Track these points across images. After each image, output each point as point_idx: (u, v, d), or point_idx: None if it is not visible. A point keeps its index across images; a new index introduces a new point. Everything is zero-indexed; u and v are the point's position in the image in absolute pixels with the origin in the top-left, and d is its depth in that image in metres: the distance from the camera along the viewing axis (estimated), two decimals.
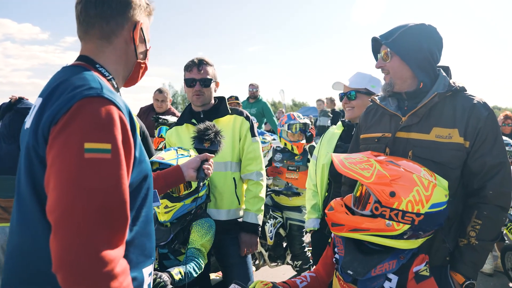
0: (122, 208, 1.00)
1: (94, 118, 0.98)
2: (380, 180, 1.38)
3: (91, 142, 0.95)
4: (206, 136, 1.95)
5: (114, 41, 1.20)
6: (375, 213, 1.40)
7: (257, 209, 2.36)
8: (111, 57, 1.21)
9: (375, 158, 1.48)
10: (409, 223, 1.37)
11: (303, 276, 1.70)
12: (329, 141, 2.60)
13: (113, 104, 1.02)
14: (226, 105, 2.43)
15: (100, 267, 0.92)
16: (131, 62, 1.26)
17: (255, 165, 2.39)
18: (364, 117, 1.98)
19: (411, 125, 1.71)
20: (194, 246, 1.96)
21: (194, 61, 2.36)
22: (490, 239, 1.64)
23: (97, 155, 0.95)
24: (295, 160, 3.96)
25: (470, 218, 1.65)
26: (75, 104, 0.99)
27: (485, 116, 1.64)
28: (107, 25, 1.18)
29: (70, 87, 1.03)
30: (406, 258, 1.45)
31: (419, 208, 1.37)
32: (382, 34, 1.78)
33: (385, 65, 1.76)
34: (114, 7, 1.18)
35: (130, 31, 1.22)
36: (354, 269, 1.46)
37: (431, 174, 1.48)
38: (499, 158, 1.64)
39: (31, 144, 1.03)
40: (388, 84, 1.78)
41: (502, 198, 1.63)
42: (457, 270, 1.64)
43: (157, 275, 1.64)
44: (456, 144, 1.63)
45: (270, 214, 3.88)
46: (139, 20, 1.24)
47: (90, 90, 1.02)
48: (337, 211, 1.49)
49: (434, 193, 1.40)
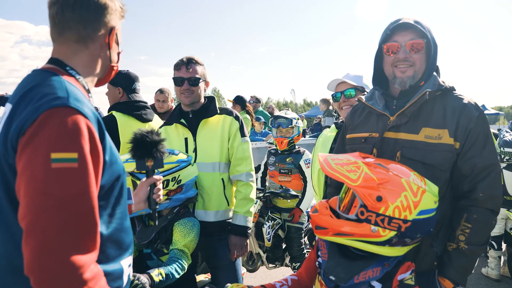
0: (90, 215, 1.03)
1: (60, 129, 1.00)
2: (367, 183, 1.32)
3: (58, 152, 0.98)
4: (145, 155, 1.69)
5: (90, 45, 1.22)
6: (361, 218, 1.34)
7: (246, 211, 2.32)
8: (85, 60, 1.22)
9: (363, 160, 1.42)
10: (395, 229, 1.31)
11: (284, 279, 1.65)
12: (323, 144, 2.54)
13: (79, 113, 1.04)
14: (216, 105, 2.41)
15: (70, 272, 0.96)
16: (105, 66, 1.29)
17: (244, 166, 2.34)
18: (351, 116, 1.92)
19: (400, 125, 1.65)
20: (177, 247, 1.93)
21: (183, 60, 2.32)
22: (480, 243, 1.57)
23: (63, 164, 0.98)
24: (286, 162, 3.88)
25: (459, 221, 1.58)
26: (41, 115, 1.00)
27: (476, 116, 1.58)
28: (84, 29, 1.19)
29: (37, 96, 1.05)
30: (391, 266, 1.39)
31: (406, 214, 1.30)
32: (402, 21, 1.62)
33: (411, 56, 1.62)
34: (91, 11, 1.19)
35: (106, 36, 1.24)
36: (336, 274, 1.41)
37: (421, 179, 1.42)
38: (490, 159, 1.57)
39: (1, 152, 1.05)
40: (412, 77, 1.64)
41: (492, 201, 1.56)
42: (445, 275, 1.57)
43: (135, 277, 1.61)
44: (446, 145, 1.57)
45: (269, 215, 3.83)
46: (115, 25, 1.25)
47: (56, 100, 1.03)
48: (322, 214, 1.43)
49: (423, 199, 1.33)
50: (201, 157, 2.31)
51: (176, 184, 2.04)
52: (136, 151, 1.70)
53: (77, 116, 1.03)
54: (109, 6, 1.22)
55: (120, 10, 1.28)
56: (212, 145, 2.31)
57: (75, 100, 1.06)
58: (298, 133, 3.90)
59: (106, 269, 1.11)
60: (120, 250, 1.19)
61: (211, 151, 2.31)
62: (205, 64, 2.40)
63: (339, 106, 2.42)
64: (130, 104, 2.81)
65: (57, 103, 1.03)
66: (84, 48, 1.21)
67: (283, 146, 3.84)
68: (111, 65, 1.30)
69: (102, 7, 1.20)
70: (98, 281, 1.02)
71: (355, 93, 2.33)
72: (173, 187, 2.04)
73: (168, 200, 2.04)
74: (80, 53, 1.21)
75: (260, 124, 6.73)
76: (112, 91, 2.87)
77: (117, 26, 1.26)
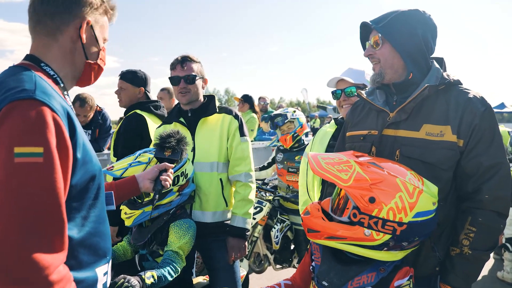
0: (56, 212, 0.97)
1: (24, 121, 0.95)
2: (359, 183, 1.25)
3: (22, 147, 0.93)
4: (167, 144, 1.85)
5: (59, 38, 1.17)
6: (353, 220, 1.26)
7: (244, 213, 2.26)
8: (57, 54, 1.18)
9: (355, 159, 1.34)
10: (390, 233, 1.23)
11: (277, 284, 1.59)
12: (321, 140, 2.47)
13: (46, 105, 0.99)
14: (215, 104, 2.37)
15: (33, 272, 0.90)
16: (79, 61, 1.23)
17: (243, 166, 2.29)
18: (351, 113, 1.84)
19: (399, 122, 1.57)
20: (171, 248, 1.89)
21: (178, 58, 2.29)
22: (486, 248, 1.47)
23: (28, 159, 0.93)
24: (295, 161, 3.71)
25: (463, 225, 1.49)
26: (5, 107, 0.96)
27: (481, 111, 1.48)
28: (51, 22, 1.16)
29: (3, 90, 1.01)
30: (387, 271, 1.31)
31: (401, 216, 1.22)
32: (372, 19, 1.64)
33: (375, 53, 1.61)
34: (60, 4, 1.16)
35: (77, 29, 1.18)
36: (329, 280, 1.34)
37: (418, 178, 1.33)
38: (497, 158, 1.47)
39: None
40: (378, 74, 1.62)
41: (499, 203, 1.46)
42: (448, 282, 1.49)
43: (126, 279, 1.57)
44: (448, 143, 1.47)
45: (278, 218, 3.75)
46: (88, 18, 1.20)
47: (21, 93, 0.99)
48: (313, 216, 1.37)
49: (419, 200, 1.25)
50: (199, 157, 2.27)
51: (184, 178, 2.05)
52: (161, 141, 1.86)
53: (43, 108, 0.98)
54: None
55: (100, 3, 1.23)
56: (210, 145, 2.27)
57: (42, 93, 1.02)
58: (300, 124, 3.71)
59: (78, 276, 1.05)
60: (95, 256, 1.13)
61: (209, 150, 2.27)
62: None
63: (339, 104, 2.34)
64: (152, 103, 2.95)
65: (22, 95, 0.98)
66: (53, 42, 1.16)
67: (288, 143, 3.70)
68: (87, 62, 1.23)
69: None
70: (66, 284, 0.96)
71: (356, 90, 2.24)
72: (183, 181, 2.05)
73: (180, 196, 2.05)
74: (51, 48, 1.17)
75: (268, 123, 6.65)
76: (131, 91, 2.95)
77: (92, 20, 1.21)
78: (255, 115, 6.13)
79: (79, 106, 3.81)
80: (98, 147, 4.04)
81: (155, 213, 1.97)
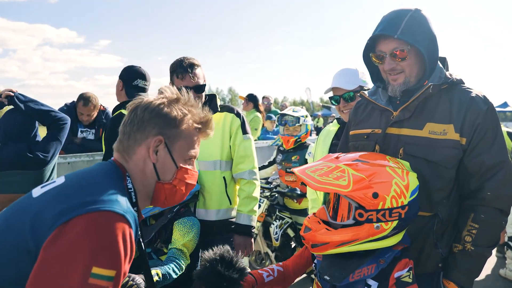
0: None
1: (108, 240, 0.95)
2: (359, 184, 1.26)
3: (100, 268, 0.93)
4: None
5: (132, 157, 1.17)
6: (360, 220, 1.28)
7: (249, 210, 2.28)
8: (133, 171, 1.17)
9: (343, 163, 1.35)
10: (397, 218, 1.29)
11: (270, 269, 1.60)
12: (324, 140, 2.49)
13: (128, 223, 1.01)
14: (217, 103, 2.37)
15: None
16: (150, 181, 1.19)
17: (247, 164, 2.31)
18: (354, 113, 1.85)
19: (403, 120, 1.57)
20: (176, 246, 1.91)
21: (185, 67, 2.19)
22: (488, 245, 1.49)
23: (100, 282, 0.93)
24: (291, 161, 3.73)
25: (466, 222, 1.51)
26: (91, 213, 0.96)
27: (484, 110, 1.49)
28: (127, 141, 1.18)
29: (88, 190, 1.03)
30: (387, 262, 1.33)
31: (402, 200, 1.29)
32: (381, 28, 1.51)
33: (398, 64, 1.52)
34: (136, 123, 1.17)
35: (148, 148, 1.16)
36: (331, 274, 1.36)
37: (394, 160, 1.40)
38: (499, 157, 1.49)
39: (28, 226, 0.99)
40: (403, 84, 1.54)
41: (501, 200, 1.48)
42: (450, 278, 1.50)
43: (130, 277, 1.59)
44: (451, 141, 1.49)
45: (277, 214, 3.78)
46: (160, 136, 1.17)
47: (108, 204, 1.00)
48: (317, 231, 1.34)
49: (410, 180, 1.33)
50: (202, 156, 2.28)
51: None
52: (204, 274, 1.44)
53: (125, 226, 0.99)
54: (159, 117, 1.17)
55: (182, 118, 1.20)
56: (212, 143, 2.28)
57: (127, 209, 1.03)
58: (306, 131, 3.75)
59: None
60: None
61: (211, 149, 2.28)
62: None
63: (339, 109, 2.34)
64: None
65: (110, 208, 0.99)
66: (128, 159, 1.17)
67: (289, 145, 3.72)
68: (158, 182, 1.19)
69: (147, 119, 1.17)
70: None
71: (354, 94, 2.25)
72: None
73: None
74: (126, 164, 1.18)
75: (272, 123, 6.69)
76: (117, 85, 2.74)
77: (174, 136, 1.18)
78: (259, 114, 6.15)
79: (83, 105, 3.78)
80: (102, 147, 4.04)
81: (156, 209, 1.97)
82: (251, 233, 2.30)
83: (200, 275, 1.45)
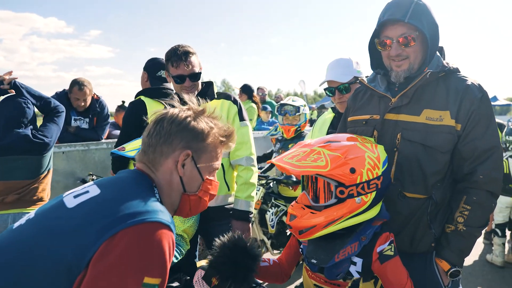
0: None
1: (156, 250, 0.97)
2: (336, 162, 1.32)
3: (150, 277, 0.96)
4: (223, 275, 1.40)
5: (158, 169, 1.18)
6: (342, 197, 1.33)
7: (247, 196, 2.30)
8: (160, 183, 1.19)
9: (317, 145, 1.40)
10: (375, 189, 1.36)
11: (267, 258, 1.64)
12: (320, 128, 2.53)
13: (171, 231, 1.03)
14: (213, 90, 2.36)
15: None
16: (176, 193, 1.21)
17: (244, 150, 2.31)
18: (353, 99, 1.90)
19: (401, 107, 1.63)
20: (176, 232, 1.94)
21: (179, 55, 2.17)
22: (478, 225, 1.57)
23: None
24: (288, 149, 3.80)
25: (458, 203, 1.58)
26: (135, 226, 0.98)
27: (478, 98, 1.56)
28: (153, 154, 1.18)
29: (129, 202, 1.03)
30: (368, 239, 1.39)
31: (377, 171, 1.37)
32: (390, 13, 1.54)
33: (404, 50, 1.56)
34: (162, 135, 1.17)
35: (175, 162, 1.18)
36: (317, 257, 1.41)
37: (362, 137, 1.49)
38: (492, 142, 1.56)
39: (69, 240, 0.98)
40: (407, 70, 1.59)
41: (492, 183, 1.56)
42: (443, 257, 1.58)
43: None
44: (447, 127, 1.56)
45: (272, 202, 3.85)
46: (188, 150, 1.18)
47: (152, 215, 1.01)
48: (302, 216, 1.37)
49: (379, 151, 1.42)
50: None
51: None
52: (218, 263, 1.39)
53: (170, 234, 1.01)
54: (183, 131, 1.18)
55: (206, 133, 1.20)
56: None
57: (168, 217, 1.05)
58: (305, 120, 3.85)
59: None
60: None
61: None
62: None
63: (335, 101, 2.37)
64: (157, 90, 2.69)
65: (153, 218, 1.01)
66: (154, 171, 1.18)
67: (290, 134, 3.80)
68: (184, 194, 1.21)
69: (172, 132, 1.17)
70: None
71: (349, 86, 2.28)
72: None
73: None
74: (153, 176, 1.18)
75: (267, 113, 6.72)
76: (142, 76, 2.85)
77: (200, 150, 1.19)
78: (254, 105, 6.17)
79: (78, 89, 3.70)
80: (97, 136, 3.94)
81: None
82: (249, 219, 2.32)
83: (214, 264, 1.40)
